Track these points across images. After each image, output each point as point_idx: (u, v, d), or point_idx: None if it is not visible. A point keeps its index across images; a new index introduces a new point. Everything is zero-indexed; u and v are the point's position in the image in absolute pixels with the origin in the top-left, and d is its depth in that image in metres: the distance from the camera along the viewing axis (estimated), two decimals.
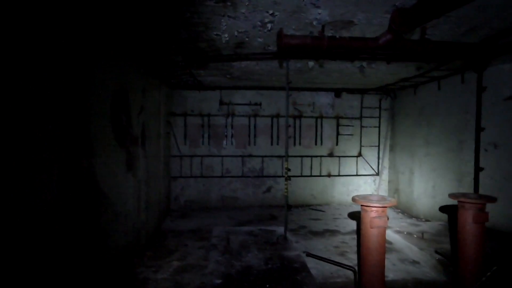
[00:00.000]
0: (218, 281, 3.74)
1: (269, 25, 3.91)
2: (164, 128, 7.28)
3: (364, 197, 2.99)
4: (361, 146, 8.62)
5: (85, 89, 3.32)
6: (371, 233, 2.90)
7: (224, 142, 8.28)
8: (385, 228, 2.90)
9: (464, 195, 3.19)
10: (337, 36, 3.75)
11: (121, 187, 4.32)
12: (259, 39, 4.37)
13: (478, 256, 3.15)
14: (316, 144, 8.48)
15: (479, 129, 5.01)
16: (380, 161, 8.76)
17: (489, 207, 3.19)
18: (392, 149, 8.73)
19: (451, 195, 3.19)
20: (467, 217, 3.03)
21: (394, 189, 8.57)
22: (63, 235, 2.79)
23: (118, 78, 4.29)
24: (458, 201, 3.10)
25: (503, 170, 5.29)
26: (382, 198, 3.03)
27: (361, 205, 2.94)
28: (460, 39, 4.27)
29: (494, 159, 5.42)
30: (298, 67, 5.78)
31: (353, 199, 3.03)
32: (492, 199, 3.07)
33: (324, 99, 8.48)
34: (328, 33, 4.05)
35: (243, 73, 6.46)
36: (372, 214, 2.84)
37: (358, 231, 3.28)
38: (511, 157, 5.19)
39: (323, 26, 3.84)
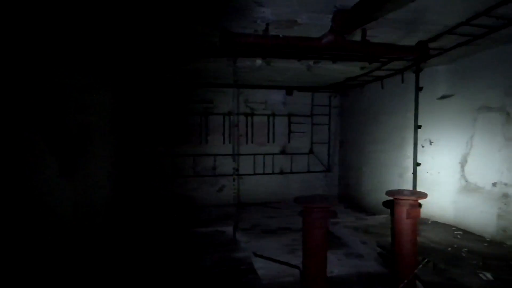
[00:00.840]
0: None
1: None
2: (113, 127, 6.85)
3: (306, 198, 3.00)
4: (312, 143, 8.81)
5: (5, 89, 2.97)
6: (313, 233, 2.92)
7: (177, 140, 8.01)
8: (326, 228, 2.94)
9: (399, 192, 3.34)
10: (281, 35, 3.73)
11: (53, 194, 3.96)
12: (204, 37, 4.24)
13: (412, 248, 3.32)
14: (268, 141, 8.52)
15: (416, 127, 5.31)
16: (331, 157, 9.03)
17: (425, 199, 3.36)
18: (342, 145, 9.04)
19: (388, 192, 3.33)
20: (402, 213, 3.18)
21: (344, 185, 8.89)
22: None
23: (50, 76, 3.91)
24: (394, 198, 3.23)
25: (437, 165, 5.68)
26: (324, 199, 3.07)
27: (304, 206, 2.94)
28: (398, 42, 4.47)
29: (430, 155, 5.80)
30: (247, 65, 5.72)
31: (296, 200, 3.03)
32: (423, 196, 3.24)
33: (276, 97, 8.53)
34: (274, 32, 4.01)
35: (194, 70, 6.28)
36: (314, 215, 2.86)
37: None
38: (444, 153, 5.58)
39: (267, 25, 3.80)
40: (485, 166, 4.84)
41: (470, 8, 3.47)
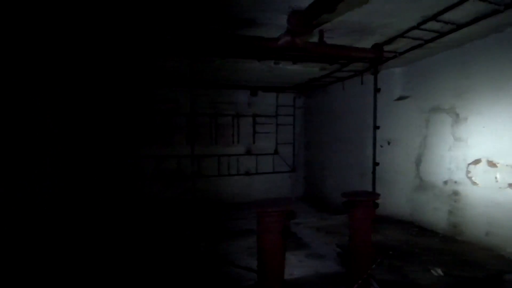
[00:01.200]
0: None
1: None
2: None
3: (260, 202, 2.94)
4: (277, 143, 8.82)
5: None
6: (266, 238, 2.86)
7: (140, 142, 7.68)
8: (280, 232, 2.88)
9: (353, 193, 3.37)
10: (236, 34, 3.65)
11: None
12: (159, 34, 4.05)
13: (367, 248, 3.35)
14: (233, 142, 8.42)
15: (375, 127, 5.43)
16: (295, 157, 9.08)
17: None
18: (306, 146, 9.12)
19: (343, 194, 3.34)
20: (356, 213, 3.21)
21: (309, 185, 8.98)
22: None
23: None
24: (349, 199, 3.25)
25: (395, 164, 5.85)
26: (279, 202, 3.02)
27: (257, 211, 2.87)
28: (355, 44, 4.54)
29: (388, 155, 5.96)
30: (207, 64, 5.57)
31: (252, 206, 2.95)
32: (376, 196, 3.30)
33: (241, 97, 8.44)
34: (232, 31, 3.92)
35: (156, 69, 6.06)
36: (266, 219, 2.80)
37: None
38: (401, 153, 5.76)
39: (225, 24, 3.71)
40: (437, 165, 5.04)
41: (420, 13, 3.58)
